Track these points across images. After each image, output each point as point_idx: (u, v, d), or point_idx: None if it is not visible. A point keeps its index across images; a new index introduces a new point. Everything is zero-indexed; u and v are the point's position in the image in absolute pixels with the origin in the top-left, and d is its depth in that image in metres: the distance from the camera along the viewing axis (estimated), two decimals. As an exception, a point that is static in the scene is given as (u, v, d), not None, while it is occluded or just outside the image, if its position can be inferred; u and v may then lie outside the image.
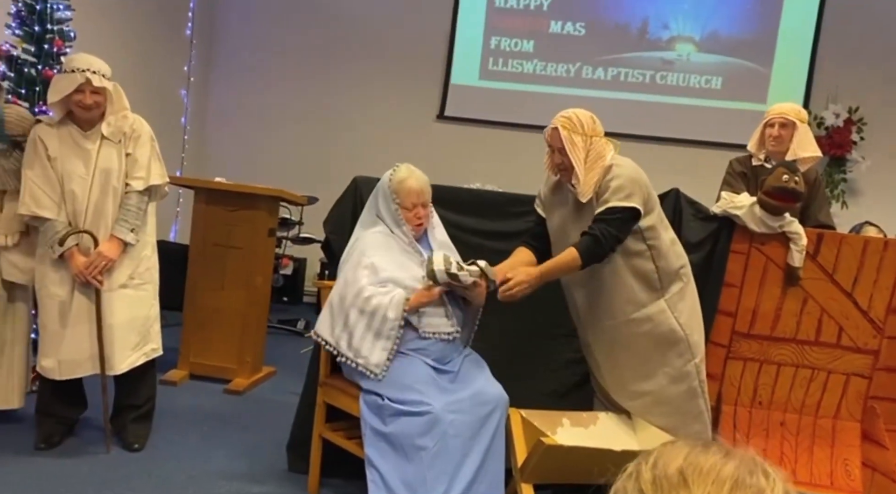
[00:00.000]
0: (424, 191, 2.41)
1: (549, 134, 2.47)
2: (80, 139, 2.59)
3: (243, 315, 3.65)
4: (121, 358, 2.63)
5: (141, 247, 2.69)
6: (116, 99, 2.61)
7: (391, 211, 2.41)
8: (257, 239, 3.67)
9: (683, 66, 5.76)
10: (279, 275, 5.07)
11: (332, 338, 2.29)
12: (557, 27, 5.92)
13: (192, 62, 5.96)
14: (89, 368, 2.63)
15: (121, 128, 2.61)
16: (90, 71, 2.51)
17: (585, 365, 2.81)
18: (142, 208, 2.63)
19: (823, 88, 5.50)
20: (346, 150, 5.96)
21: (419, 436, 2.08)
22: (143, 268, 2.70)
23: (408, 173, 2.41)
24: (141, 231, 2.66)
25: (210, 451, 2.81)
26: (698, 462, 0.67)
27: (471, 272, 2.26)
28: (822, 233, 2.88)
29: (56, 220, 2.55)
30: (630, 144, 5.71)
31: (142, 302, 2.70)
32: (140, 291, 2.69)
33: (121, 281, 2.62)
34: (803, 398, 2.87)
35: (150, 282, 2.74)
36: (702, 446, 0.70)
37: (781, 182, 2.67)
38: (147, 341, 2.72)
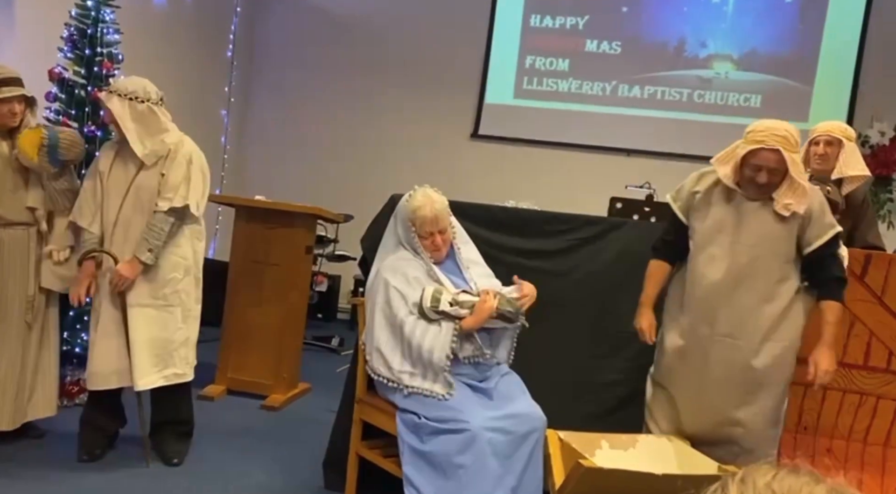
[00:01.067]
0: (440, 218, 2.37)
1: (769, 158, 2.22)
2: (127, 157, 2.66)
3: (280, 331, 3.69)
4: (140, 374, 2.64)
5: (170, 268, 2.67)
6: (152, 120, 2.63)
7: (410, 239, 2.41)
8: (295, 256, 3.71)
9: (722, 84, 5.70)
10: (314, 292, 5.11)
11: (394, 376, 2.28)
12: (593, 46, 5.92)
13: (232, 83, 6.10)
14: (115, 381, 2.66)
15: (157, 151, 2.64)
16: (108, 91, 2.65)
17: (625, 387, 2.77)
18: (164, 229, 2.61)
19: (867, 106, 5.39)
20: (382, 169, 6.02)
21: (457, 454, 2.07)
22: (171, 290, 2.68)
23: (423, 201, 2.37)
24: (167, 254, 2.65)
25: (247, 467, 2.82)
26: (788, 481, 0.66)
27: (462, 304, 2.27)
28: (870, 253, 2.80)
29: (87, 230, 2.66)
30: (667, 163, 5.69)
31: (165, 324, 2.68)
32: (164, 312, 2.68)
33: (139, 298, 2.64)
34: (851, 423, 2.78)
35: (178, 306, 2.70)
36: (789, 469, 0.68)
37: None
38: (168, 364, 2.69)
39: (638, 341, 2.79)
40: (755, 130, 2.27)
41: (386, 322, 2.31)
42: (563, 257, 2.86)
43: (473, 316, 2.27)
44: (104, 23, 3.37)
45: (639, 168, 5.51)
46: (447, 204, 2.44)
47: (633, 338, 2.80)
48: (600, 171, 5.71)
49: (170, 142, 2.67)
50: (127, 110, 2.61)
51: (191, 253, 2.75)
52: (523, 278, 2.67)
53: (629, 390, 2.76)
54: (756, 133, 2.25)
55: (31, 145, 2.64)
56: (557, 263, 2.85)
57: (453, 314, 2.26)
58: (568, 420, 2.52)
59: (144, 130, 2.63)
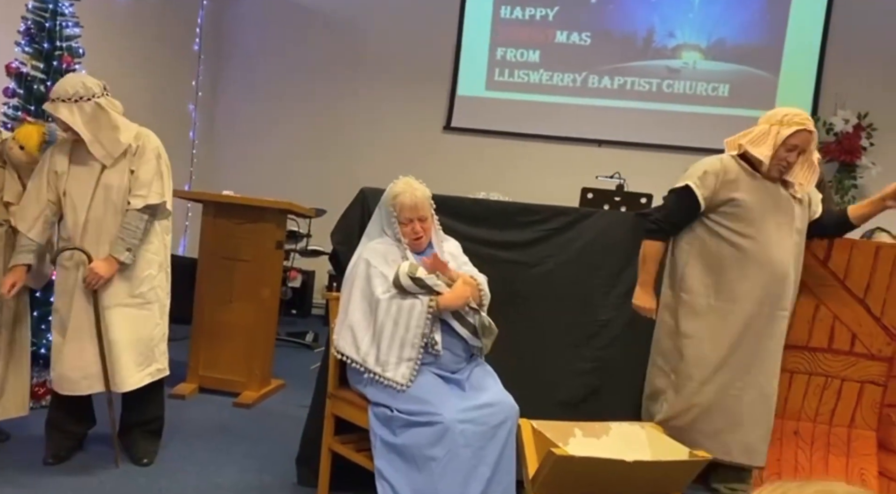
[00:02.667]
0: (420, 206, 2.39)
1: (807, 138, 2.49)
2: (87, 156, 2.58)
3: (251, 328, 3.65)
4: (126, 376, 2.61)
5: (144, 265, 2.65)
6: (102, 117, 2.54)
7: (391, 224, 2.42)
8: (265, 252, 3.67)
9: (690, 74, 5.76)
10: (287, 288, 5.07)
11: (359, 356, 2.28)
12: (563, 37, 5.93)
13: (199, 77, 6.01)
14: (85, 387, 2.60)
15: (112, 152, 2.56)
16: (51, 99, 2.53)
17: (597, 375, 2.79)
18: (140, 227, 2.57)
19: (831, 94, 5.48)
20: (355, 162, 5.98)
21: (429, 446, 2.07)
22: (147, 288, 2.66)
23: (403, 187, 2.41)
24: (141, 251, 2.62)
25: (220, 465, 2.80)
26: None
27: (436, 284, 2.28)
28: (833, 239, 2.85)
29: (24, 235, 2.59)
30: (636, 153, 5.74)
31: (145, 322, 2.66)
32: (143, 310, 2.65)
33: (117, 299, 2.60)
34: (817, 406, 2.84)
35: (156, 302, 2.69)
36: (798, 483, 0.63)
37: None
38: (151, 361, 2.69)
39: (609, 330, 2.83)
40: (789, 114, 2.49)
41: (363, 299, 2.32)
42: (535, 248, 2.87)
43: (452, 292, 2.28)
44: (63, 16, 3.29)
45: (610, 158, 5.55)
46: (430, 195, 2.46)
47: (604, 327, 2.83)
48: (572, 162, 5.74)
49: (126, 140, 2.59)
50: (77, 115, 2.51)
51: (162, 248, 2.73)
52: (495, 269, 2.68)
53: (601, 378, 2.79)
54: (792, 116, 2.48)
55: (32, 140, 2.61)
56: (529, 254, 2.86)
57: (430, 283, 2.26)
58: (541, 409, 2.53)
59: (98, 130, 2.55)
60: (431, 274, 2.30)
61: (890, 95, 5.41)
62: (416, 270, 2.29)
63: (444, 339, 2.30)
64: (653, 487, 2.39)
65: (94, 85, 2.57)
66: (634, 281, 2.82)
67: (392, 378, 2.21)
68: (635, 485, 2.40)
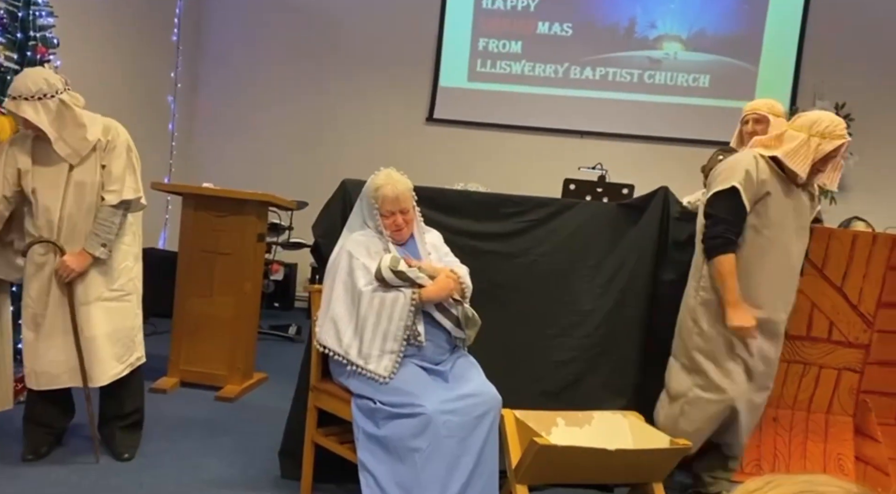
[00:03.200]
0: (401, 198, 2.38)
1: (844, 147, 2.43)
2: (52, 152, 2.49)
3: (233, 321, 3.62)
4: (103, 370, 2.59)
5: (121, 257, 2.64)
6: (67, 114, 2.46)
7: (373, 216, 2.41)
8: (246, 244, 3.64)
9: (671, 65, 5.78)
10: (270, 281, 5.04)
11: (342, 348, 2.27)
12: (545, 28, 5.93)
13: (178, 68, 5.93)
14: (66, 380, 2.58)
15: (79, 150, 2.49)
16: (11, 97, 2.41)
17: (579, 365, 2.81)
18: (115, 222, 2.54)
19: (810, 85, 5.54)
20: (337, 154, 5.95)
21: (412, 438, 2.07)
22: (125, 280, 2.65)
23: (385, 180, 2.40)
24: (117, 244, 2.60)
25: (202, 459, 2.78)
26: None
27: (422, 275, 2.28)
28: (811, 227, 2.89)
29: None
30: (618, 144, 5.76)
31: (125, 314, 2.66)
32: (123, 302, 2.64)
33: (98, 293, 2.57)
34: (796, 393, 2.88)
35: (133, 293, 2.69)
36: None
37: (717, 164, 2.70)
38: (132, 351, 2.68)
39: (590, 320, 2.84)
40: (830, 125, 2.36)
41: (345, 292, 2.31)
42: (517, 239, 2.87)
43: (434, 285, 2.28)
44: (36, 5, 3.24)
45: (592, 149, 5.56)
46: (411, 186, 2.45)
47: (586, 317, 2.84)
48: (554, 153, 5.75)
49: (93, 137, 2.52)
50: (42, 113, 2.42)
51: (135, 239, 2.72)
52: (478, 261, 2.68)
53: (583, 367, 2.81)
54: (833, 127, 2.36)
55: (4, 133, 2.58)
56: (511, 245, 2.86)
57: (412, 276, 2.26)
58: (524, 399, 2.54)
59: (63, 128, 2.47)
60: (413, 267, 2.30)
61: (867, 86, 5.48)
62: (398, 263, 2.28)
63: (426, 331, 2.30)
64: (635, 475, 2.41)
65: (57, 80, 2.48)
66: (616, 270, 2.83)
67: (374, 370, 2.21)
68: (618, 473, 2.43)
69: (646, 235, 2.84)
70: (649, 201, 2.87)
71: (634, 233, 2.86)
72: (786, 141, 2.39)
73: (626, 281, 2.83)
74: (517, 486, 2.23)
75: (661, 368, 2.83)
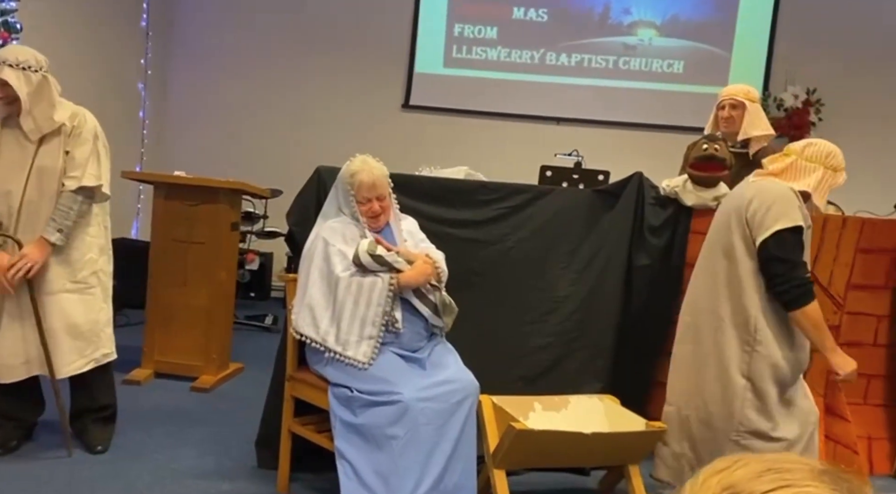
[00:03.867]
0: (378, 184, 2.36)
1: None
2: (20, 136, 2.47)
3: (207, 311, 3.58)
4: (63, 363, 2.53)
5: (84, 249, 2.57)
6: (46, 91, 2.45)
7: (349, 203, 2.39)
8: (220, 233, 3.59)
9: (645, 51, 5.80)
10: (245, 271, 4.99)
11: (319, 335, 2.25)
12: (520, 13, 5.90)
13: (148, 54, 5.81)
14: (23, 372, 2.52)
15: (42, 127, 2.46)
16: (4, 62, 2.40)
17: (556, 350, 2.82)
18: (73, 208, 2.48)
19: (782, 70, 5.59)
20: (312, 142, 5.88)
21: (390, 425, 2.06)
22: (89, 272, 2.58)
23: (361, 166, 2.37)
24: (80, 234, 2.54)
25: (177, 450, 2.75)
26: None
27: (396, 261, 2.27)
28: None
29: None
30: (594, 130, 5.77)
31: (88, 307, 2.58)
32: (85, 295, 2.58)
33: (59, 285, 2.52)
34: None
35: (98, 286, 2.62)
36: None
37: (702, 151, 2.73)
38: (98, 347, 2.61)
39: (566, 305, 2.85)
40: (838, 157, 2.23)
41: (321, 279, 2.29)
42: (493, 226, 2.87)
43: (413, 270, 2.28)
44: (-2, -12, 3.14)
45: (568, 135, 5.57)
46: (387, 173, 2.43)
47: (562, 303, 2.85)
48: (531, 139, 5.74)
49: (60, 119, 2.48)
50: (23, 82, 2.41)
51: (102, 231, 2.65)
52: (454, 247, 2.67)
53: (559, 353, 2.82)
54: (840, 159, 2.23)
55: None
56: (487, 232, 2.86)
57: (390, 260, 2.25)
58: (501, 385, 2.55)
59: (37, 103, 2.45)
60: (391, 252, 2.29)
61: (837, 71, 5.54)
62: (376, 248, 2.27)
63: (404, 317, 2.29)
64: (611, 458, 2.44)
65: (43, 59, 2.50)
66: (592, 256, 2.85)
67: (353, 356, 2.19)
68: (594, 456, 2.45)
69: (621, 221, 2.85)
70: (624, 187, 2.88)
71: (610, 218, 2.88)
72: (802, 173, 2.20)
73: (601, 266, 2.84)
74: (495, 471, 2.24)
75: (635, 351, 2.86)
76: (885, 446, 3.03)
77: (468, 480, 2.16)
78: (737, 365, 2.18)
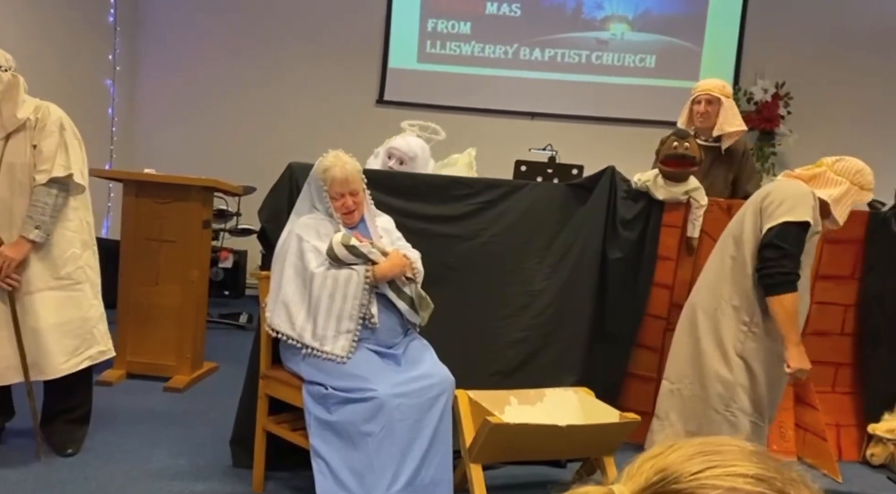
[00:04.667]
0: (350, 179, 2.35)
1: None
2: None
3: (180, 310, 3.54)
4: (55, 363, 2.48)
5: (66, 244, 2.52)
6: (14, 90, 2.42)
7: (322, 199, 2.37)
8: (191, 231, 3.55)
9: (618, 46, 5.83)
10: (218, 269, 4.94)
11: (295, 331, 2.24)
12: (493, 8, 5.90)
13: (116, 50, 5.71)
14: (12, 376, 2.48)
15: (6, 126, 2.42)
16: None
17: (531, 344, 2.84)
18: (49, 203, 2.44)
19: (752, 64, 5.66)
20: (285, 138, 5.82)
21: (364, 422, 2.06)
22: (73, 267, 2.54)
23: (333, 161, 2.36)
24: (60, 230, 2.50)
25: (150, 451, 2.72)
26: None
27: (371, 251, 2.27)
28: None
29: None
30: (568, 125, 5.80)
31: (76, 304, 2.54)
32: (73, 292, 2.53)
33: (42, 282, 2.47)
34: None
35: (86, 281, 2.57)
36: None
37: (672, 149, 2.76)
38: (91, 344, 2.57)
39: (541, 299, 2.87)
40: (868, 175, 2.27)
41: (296, 275, 2.28)
42: (468, 221, 2.88)
43: (387, 261, 2.27)
44: (-43, -17, 3.06)
45: (542, 130, 5.58)
46: (360, 168, 2.42)
47: (537, 297, 2.87)
48: (505, 134, 5.74)
49: (23, 115, 2.44)
50: None
51: (83, 226, 2.60)
52: (429, 243, 2.67)
53: (534, 346, 2.84)
54: (870, 178, 2.28)
55: None
56: (462, 227, 2.86)
57: (365, 251, 2.24)
58: (477, 379, 2.56)
59: (3, 103, 2.40)
60: (366, 243, 2.28)
61: (805, 64, 5.63)
62: (350, 239, 2.26)
63: (380, 312, 2.29)
64: (586, 449, 2.46)
65: (10, 58, 2.46)
66: (566, 250, 2.86)
67: (331, 351, 2.18)
68: (569, 448, 2.47)
69: (594, 214, 2.87)
70: (597, 181, 2.91)
71: (583, 212, 2.90)
72: (828, 184, 2.26)
73: (575, 259, 2.86)
74: (471, 465, 2.25)
75: (609, 343, 2.89)
76: (853, 432, 3.10)
77: (444, 475, 2.17)
78: (732, 344, 2.25)
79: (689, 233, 2.87)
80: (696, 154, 2.80)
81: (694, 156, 2.78)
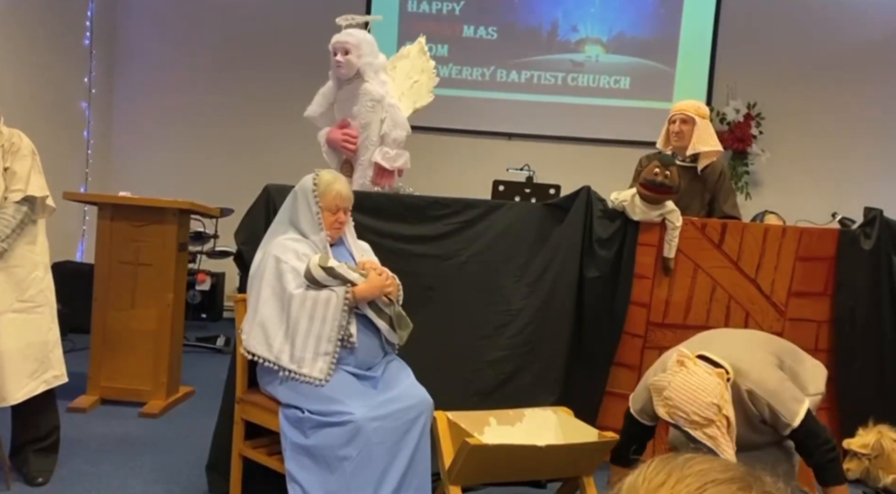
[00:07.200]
0: (348, 198, 2.41)
1: None
2: None
3: (156, 334, 3.49)
4: (14, 388, 2.44)
5: (30, 267, 2.52)
6: None
7: (312, 214, 2.35)
8: (167, 254, 3.52)
9: (593, 68, 5.92)
10: (196, 292, 4.89)
11: (272, 354, 2.21)
12: (470, 31, 5.97)
13: (92, 73, 5.68)
14: None
15: None
16: None
17: (510, 363, 2.83)
18: (16, 218, 2.45)
19: (724, 85, 5.77)
20: (262, 160, 5.81)
21: (341, 447, 2.04)
22: (36, 291, 2.53)
23: (334, 177, 2.42)
24: (26, 253, 2.49)
25: (124, 478, 2.66)
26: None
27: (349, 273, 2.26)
28: (726, 222, 3.01)
29: None
30: (545, 145, 5.86)
31: (37, 327, 2.53)
32: (33, 315, 2.52)
33: (6, 304, 2.44)
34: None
35: (46, 305, 2.57)
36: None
37: (651, 175, 2.80)
38: (47, 368, 2.55)
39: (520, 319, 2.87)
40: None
41: (274, 296, 2.25)
42: (446, 241, 2.88)
43: (367, 282, 2.26)
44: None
45: (519, 150, 5.63)
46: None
47: (516, 316, 2.87)
48: (483, 155, 5.79)
49: (6, 135, 2.45)
50: None
51: (45, 250, 2.61)
52: (408, 263, 2.67)
53: (514, 366, 2.84)
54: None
55: None
56: (440, 247, 2.87)
57: (343, 272, 2.23)
58: (457, 400, 2.55)
59: None
60: (343, 263, 2.27)
61: (775, 85, 5.75)
62: (328, 260, 2.25)
63: (360, 332, 2.27)
64: (566, 469, 2.45)
65: None
66: (543, 269, 2.88)
67: (309, 374, 2.16)
68: (549, 469, 2.46)
69: (571, 234, 2.89)
70: (573, 200, 2.93)
71: (560, 231, 2.92)
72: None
73: (552, 279, 2.87)
74: (451, 487, 2.23)
75: (587, 363, 2.90)
76: (830, 447, 3.11)
77: (423, 498, 2.15)
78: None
79: (665, 254, 2.90)
80: (676, 182, 2.83)
81: (672, 185, 2.81)
